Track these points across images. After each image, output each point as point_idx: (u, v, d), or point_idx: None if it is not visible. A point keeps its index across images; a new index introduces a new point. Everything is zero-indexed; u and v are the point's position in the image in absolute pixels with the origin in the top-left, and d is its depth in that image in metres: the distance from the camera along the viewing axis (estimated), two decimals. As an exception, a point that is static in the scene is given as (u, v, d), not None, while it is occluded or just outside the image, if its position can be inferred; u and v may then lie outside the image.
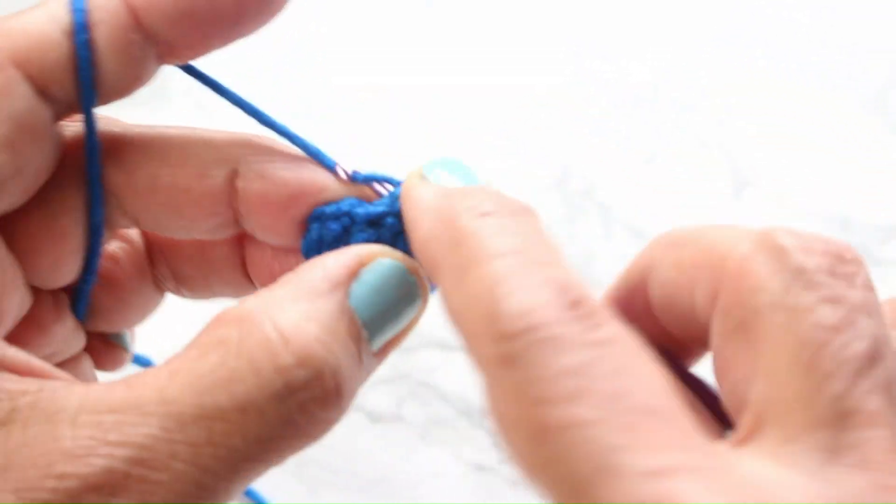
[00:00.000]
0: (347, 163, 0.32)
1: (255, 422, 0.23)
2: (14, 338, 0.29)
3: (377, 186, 0.30)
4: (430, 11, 0.84)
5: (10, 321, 0.29)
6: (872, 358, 0.20)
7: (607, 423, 0.19)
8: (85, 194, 0.29)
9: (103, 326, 0.34)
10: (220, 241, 0.33)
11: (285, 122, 0.31)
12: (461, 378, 0.60)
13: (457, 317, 0.22)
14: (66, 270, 0.30)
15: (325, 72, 0.79)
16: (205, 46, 0.28)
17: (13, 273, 0.29)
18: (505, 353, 0.20)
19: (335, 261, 0.26)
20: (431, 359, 0.61)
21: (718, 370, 0.23)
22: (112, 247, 0.33)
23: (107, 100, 0.28)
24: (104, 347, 0.35)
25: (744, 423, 0.21)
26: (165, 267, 0.34)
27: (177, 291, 0.35)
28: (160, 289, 0.34)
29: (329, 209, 0.29)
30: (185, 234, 0.30)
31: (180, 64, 0.29)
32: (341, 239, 0.29)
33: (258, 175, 0.29)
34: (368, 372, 0.26)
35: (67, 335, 0.32)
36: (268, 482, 0.56)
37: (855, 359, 0.20)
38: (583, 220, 0.69)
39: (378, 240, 0.29)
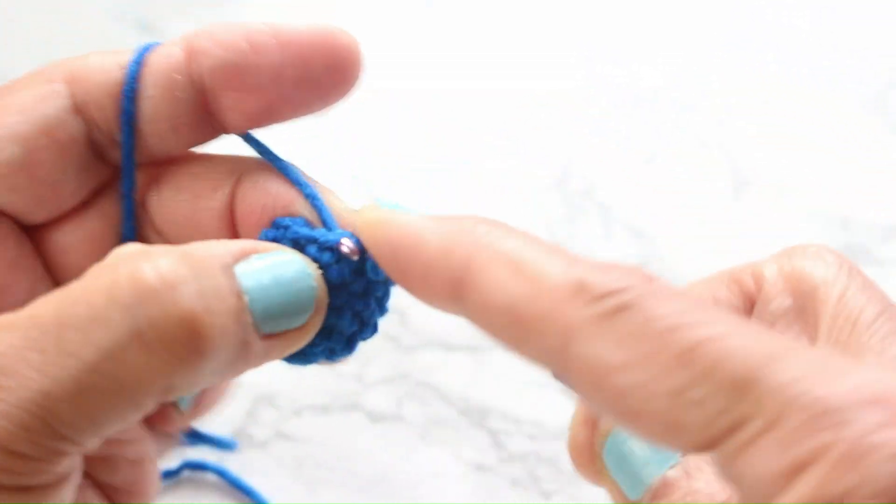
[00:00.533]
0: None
1: (105, 330, 0.23)
2: None
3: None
4: (429, 13, 0.84)
5: (11, 303, 0.29)
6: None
7: (745, 334, 0.20)
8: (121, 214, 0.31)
9: None
10: None
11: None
12: (461, 378, 0.60)
13: (518, 301, 0.22)
14: None
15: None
16: (248, 109, 0.28)
17: (25, 264, 0.29)
18: (610, 307, 0.21)
19: (239, 242, 0.27)
20: (431, 359, 0.61)
21: None
22: None
23: (150, 143, 0.29)
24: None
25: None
26: None
27: None
28: None
29: (287, 226, 0.30)
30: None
31: (238, 133, 0.30)
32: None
33: (251, 185, 0.30)
34: (249, 346, 0.26)
35: None
36: (268, 482, 0.56)
37: None
38: (583, 220, 0.69)
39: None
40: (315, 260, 0.28)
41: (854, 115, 0.77)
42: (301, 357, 0.29)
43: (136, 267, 0.24)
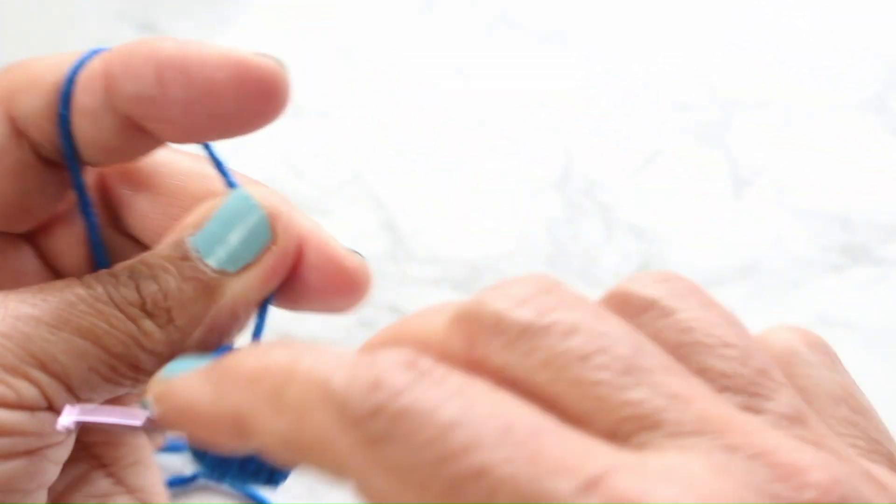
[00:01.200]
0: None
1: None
2: None
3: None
4: (430, 13, 0.84)
5: None
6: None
7: (516, 458, 0.18)
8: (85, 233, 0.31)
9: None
10: None
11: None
12: (461, 378, 0.60)
13: (291, 438, 0.21)
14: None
15: (324, 71, 0.79)
16: (172, 137, 0.28)
17: (32, 268, 0.30)
18: (371, 434, 0.19)
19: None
20: (432, 359, 0.61)
21: None
22: None
23: (96, 161, 0.29)
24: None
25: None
26: None
27: None
28: None
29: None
30: None
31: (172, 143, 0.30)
32: None
33: None
34: (207, 287, 0.28)
35: None
36: (268, 482, 0.56)
37: None
38: (584, 220, 0.69)
39: None
40: None
41: (853, 115, 0.77)
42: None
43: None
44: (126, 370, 0.27)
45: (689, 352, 0.22)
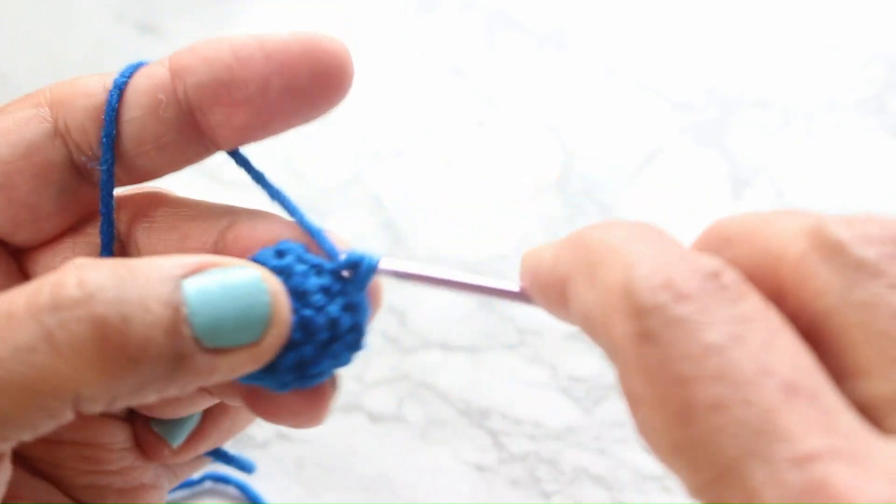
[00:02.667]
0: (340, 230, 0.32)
1: (16, 329, 0.23)
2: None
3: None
4: (430, 12, 0.84)
5: None
6: None
7: (754, 405, 0.18)
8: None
9: (155, 411, 0.34)
10: None
11: None
12: (461, 378, 0.60)
13: (590, 311, 0.22)
14: None
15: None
16: (238, 123, 0.28)
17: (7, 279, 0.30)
18: (643, 329, 0.20)
19: (191, 255, 0.26)
20: (431, 359, 0.61)
21: None
22: None
23: (135, 162, 0.29)
24: (145, 435, 0.34)
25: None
26: None
27: None
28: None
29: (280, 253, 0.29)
30: None
31: (227, 149, 0.30)
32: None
33: (244, 226, 0.30)
34: (186, 360, 0.25)
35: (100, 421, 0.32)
36: (268, 482, 0.56)
37: None
38: (583, 220, 0.69)
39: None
40: (321, 287, 0.28)
41: (853, 115, 0.77)
42: (270, 377, 0.28)
43: (62, 275, 0.24)
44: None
45: None
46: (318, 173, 0.71)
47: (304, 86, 0.28)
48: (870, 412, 0.20)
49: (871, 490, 0.17)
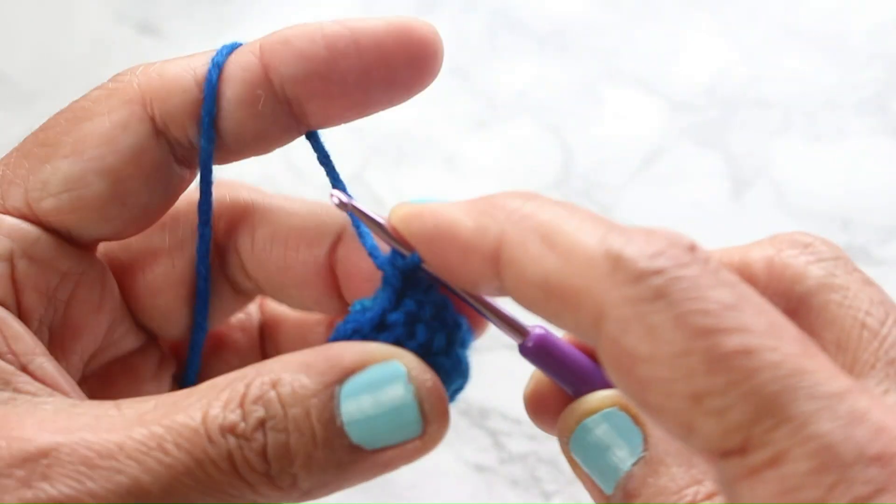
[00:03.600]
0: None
1: (201, 444, 0.24)
2: (104, 374, 0.30)
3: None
4: (430, 11, 0.84)
5: (90, 341, 0.29)
6: None
7: (780, 351, 0.19)
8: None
9: None
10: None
11: None
12: (461, 378, 0.61)
13: (551, 277, 0.22)
14: (175, 318, 0.31)
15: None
16: (335, 112, 0.28)
17: (109, 295, 0.29)
18: (648, 291, 0.20)
19: (348, 349, 0.26)
20: (431, 359, 0.61)
21: None
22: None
23: (235, 155, 0.29)
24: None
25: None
26: (273, 346, 0.34)
27: None
28: None
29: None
30: (300, 303, 0.31)
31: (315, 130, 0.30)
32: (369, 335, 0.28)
33: (356, 244, 0.30)
34: (344, 464, 0.26)
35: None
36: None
37: None
38: (583, 221, 0.69)
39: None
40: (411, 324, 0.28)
41: (853, 115, 0.77)
42: None
43: (234, 391, 0.25)
44: None
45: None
46: (319, 172, 0.71)
47: (399, 72, 0.28)
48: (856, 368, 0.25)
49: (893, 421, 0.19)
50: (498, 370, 0.61)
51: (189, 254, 0.31)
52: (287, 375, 0.25)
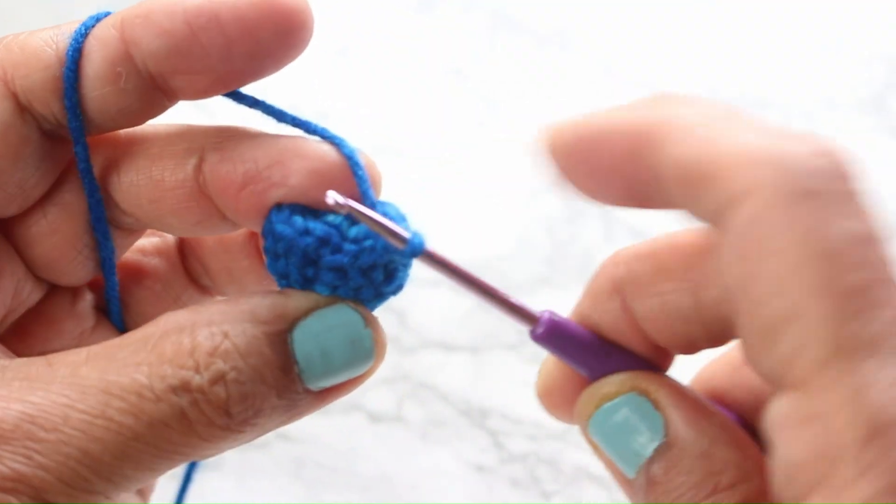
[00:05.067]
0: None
1: (149, 406, 0.24)
2: (19, 327, 0.30)
3: (370, 215, 0.28)
4: (431, 11, 0.84)
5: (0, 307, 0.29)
6: None
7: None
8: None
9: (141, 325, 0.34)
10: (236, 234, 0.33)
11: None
12: (461, 379, 0.61)
13: (699, 163, 0.22)
14: (76, 267, 0.30)
15: (322, 72, 0.79)
16: (201, 87, 0.28)
17: (6, 263, 0.29)
18: (813, 184, 0.21)
19: (292, 300, 0.27)
20: (431, 360, 0.61)
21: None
22: (141, 241, 0.33)
23: (104, 129, 0.29)
24: None
25: None
26: (197, 262, 0.34)
27: (216, 289, 0.35)
28: (199, 287, 0.34)
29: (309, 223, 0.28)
30: (183, 230, 0.30)
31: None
32: (311, 253, 0.28)
33: (219, 156, 0.28)
34: (297, 407, 0.27)
35: (84, 334, 0.32)
36: (268, 482, 0.56)
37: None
38: (583, 221, 0.69)
39: (346, 268, 0.28)
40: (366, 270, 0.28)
41: (853, 115, 0.77)
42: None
43: (179, 345, 0.25)
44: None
45: None
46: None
47: (265, 46, 0.27)
48: None
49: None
50: (498, 370, 0.61)
51: (65, 201, 0.30)
52: (235, 326, 0.25)
